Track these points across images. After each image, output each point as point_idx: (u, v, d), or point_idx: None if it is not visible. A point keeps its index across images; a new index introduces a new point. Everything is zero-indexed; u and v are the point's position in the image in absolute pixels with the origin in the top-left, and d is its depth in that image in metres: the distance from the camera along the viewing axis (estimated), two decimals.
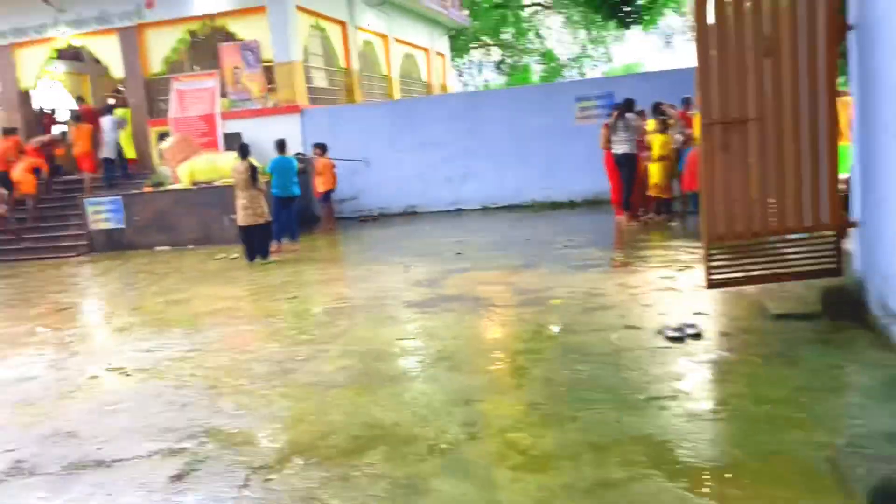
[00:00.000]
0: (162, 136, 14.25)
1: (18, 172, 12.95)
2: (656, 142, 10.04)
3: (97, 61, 15.82)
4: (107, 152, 13.74)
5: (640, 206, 10.44)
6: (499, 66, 35.34)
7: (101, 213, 12.62)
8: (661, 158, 10.00)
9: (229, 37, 14.04)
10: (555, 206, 12.62)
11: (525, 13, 34.06)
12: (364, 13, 16.94)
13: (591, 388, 4.07)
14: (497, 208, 13.16)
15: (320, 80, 15.13)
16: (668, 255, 7.65)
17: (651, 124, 10.36)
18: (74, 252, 12.61)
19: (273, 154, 10.56)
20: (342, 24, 15.99)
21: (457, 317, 5.95)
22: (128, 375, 5.20)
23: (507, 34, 34.17)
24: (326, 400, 4.29)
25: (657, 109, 10.41)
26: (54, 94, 18.29)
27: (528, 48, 35.30)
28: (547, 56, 35.14)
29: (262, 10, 13.63)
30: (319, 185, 12.33)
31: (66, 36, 14.60)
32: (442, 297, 6.68)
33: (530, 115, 12.96)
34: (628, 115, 10.01)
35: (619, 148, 10.00)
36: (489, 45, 34.71)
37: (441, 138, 13.35)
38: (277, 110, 13.87)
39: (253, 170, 9.30)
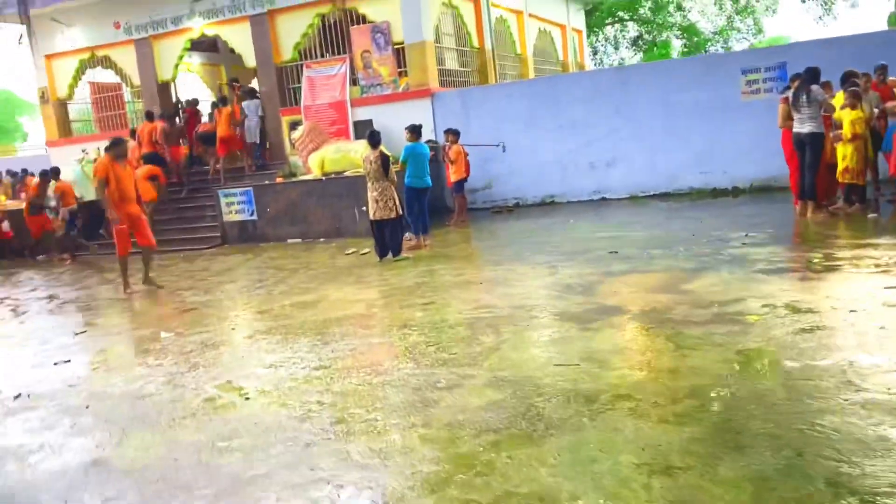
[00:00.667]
0: (293, 125, 13.95)
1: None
2: (847, 118, 8.44)
3: (231, 51, 15.82)
4: (251, 137, 13.72)
5: (827, 194, 8.88)
6: (636, 42, 33.28)
7: (234, 204, 12.43)
8: (854, 138, 8.40)
9: (360, 19, 13.48)
10: (716, 193, 11.17)
11: None
12: None
13: (843, 456, 2.93)
14: (647, 197, 11.86)
15: (451, 62, 14.30)
16: (880, 256, 6.21)
17: (839, 98, 8.76)
18: (208, 244, 12.51)
19: (403, 141, 9.84)
20: (475, 1, 15.07)
21: (626, 336, 4.90)
22: (247, 399, 4.54)
23: (644, 8, 32.08)
24: (478, 451, 3.39)
25: (848, 80, 8.76)
26: (192, 85, 18.59)
27: (668, 22, 32.97)
28: (689, 30, 32.69)
29: None
30: (452, 175, 11.52)
31: (199, 26, 14.58)
32: (602, 307, 5.64)
33: (686, 91, 11.53)
34: (813, 87, 8.45)
35: (803, 126, 8.47)
36: (625, 20, 32.73)
37: (583, 120, 12.17)
38: (407, 95, 13.18)
39: (384, 159, 8.57)
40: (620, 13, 31.97)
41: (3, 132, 38.12)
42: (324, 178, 11.94)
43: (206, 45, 17.57)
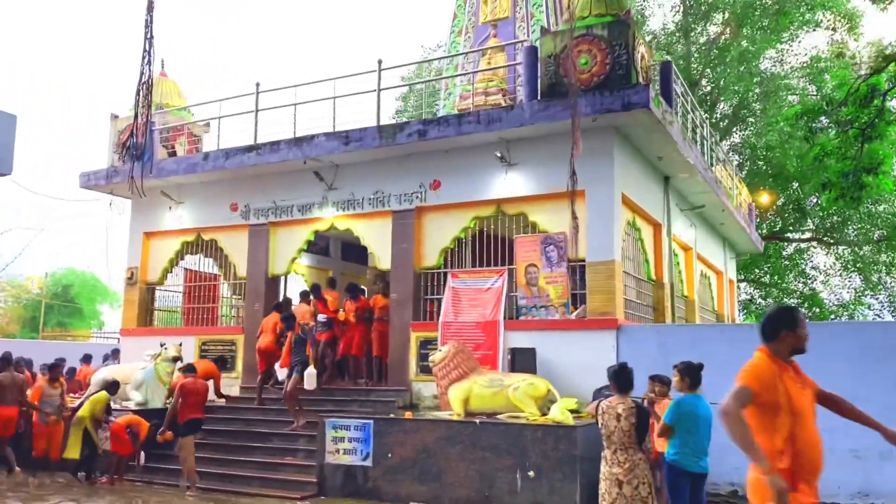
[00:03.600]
0: (424, 344, 11.02)
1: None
2: None
3: (351, 252, 13.55)
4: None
5: None
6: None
7: (344, 441, 9.12)
8: None
9: (527, 227, 10.98)
10: None
11: (787, 251, 29.62)
12: (677, 219, 13.47)
13: None
14: None
15: (630, 291, 11.42)
16: None
17: None
18: (299, 492, 9.06)
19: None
20: (657, 226, 12.55)
21: None
22: None
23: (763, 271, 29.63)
24: None
25: None
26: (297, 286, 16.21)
27: (789, 289, 30.20)
28: (813, 300, 29.71)
29: (578, 197, 10.51)
30: (659, 442, 8.05)
31: (331, 216, 12.37)
32: None
33: None
34: None
35: None
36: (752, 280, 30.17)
37: (840, 385, 8.74)
38: (584, 324, 10.19)
39: (642, 416, 5.30)
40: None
41: (81, 316, 36.89)
42: (477, 420, 8.63)
43: (319, 248, 15.46)
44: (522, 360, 9.85)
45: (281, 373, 11.27)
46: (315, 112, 12.39)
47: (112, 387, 10.68)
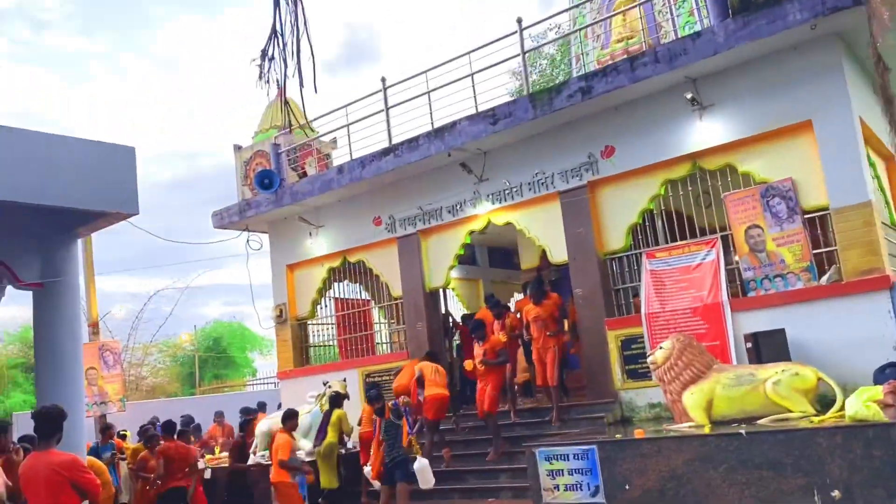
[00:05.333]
0: (627, 344, 9.09)
1: None
2: None
3: (499, 257, 11.85)
4: None
5: None
6: None
7: (563, 474, 7.31)
8: None
9: (737, 182, 8.84)
10: None
11: None
12: None
13: None
14: None
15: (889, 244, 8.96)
16: None
17: None
18: None
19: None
20: (889, 159, 10.02)
21: None
22: None
23: None
24: None
25: None
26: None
27: None
28: None
29: (802, 131, 8.29)
30: None
31: (486, 212, 10.71)
32: None
33: None
34: None
35: None
36: None
37: None
38: (842, 288, 7.91)
39: None
40: None
41: (234, 367, 37.36)
42: (742, 430, 6.57)
43: (464, 258, 13.88)
44: (769, 346, 7.69)
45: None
46: (452, 97, 10.74)
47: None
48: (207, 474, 10.00)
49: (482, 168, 10.61)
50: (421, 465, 8.15)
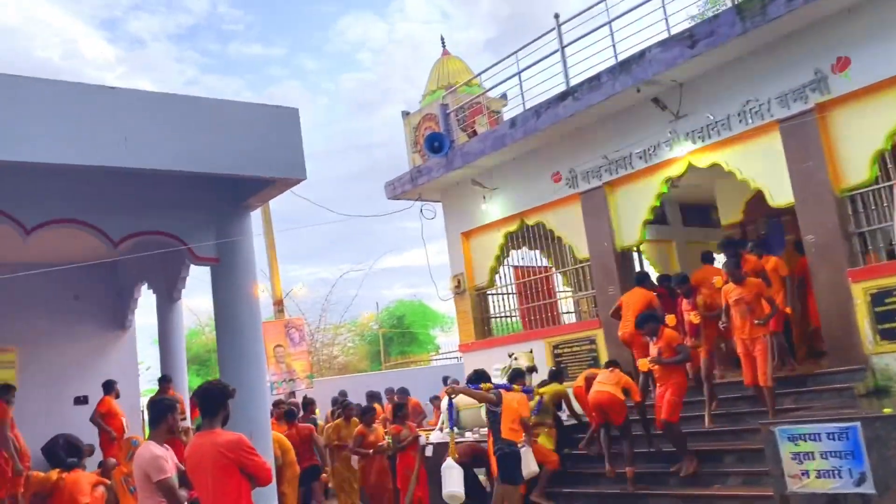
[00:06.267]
0: (879, 298, 7.35)
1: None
2: None
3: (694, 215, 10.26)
4: None
5: None
6: None
7: (813, 456, 5.88)
8: None
9: None
10: None
11: None
12: None
13: None
14: None
15: None
16: None
17: None
18: None
19: None
20: None
21: None
22: None
23: None
24: None
25: None
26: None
27: None
28: None
29: None
30: None
31: (686, 153, 9.25)
32: None
33: None
34: None
35: None
36: None
37: None
38: None
39: None
40: None
41: (418, 343, 37.93)
42: None
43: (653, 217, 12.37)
44: None
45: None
46: (638, 24, 9.36)
47: None
48: (429, 451, 9.14)
49: (678, 102, 9.15)
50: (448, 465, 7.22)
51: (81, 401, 11.05)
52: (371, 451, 8.83)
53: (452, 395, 7.37)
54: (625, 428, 7.91)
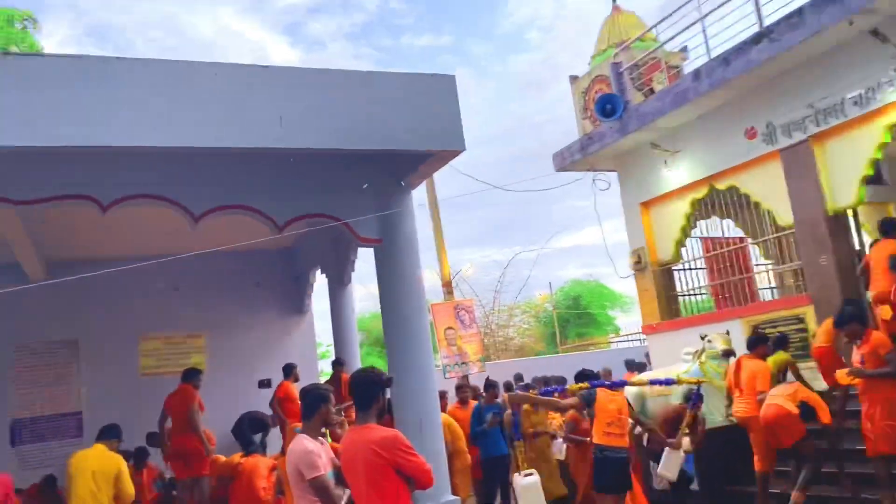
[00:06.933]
0: None
1: None
2: None
3: None
4: None
5: None
6: None
7: None
8: None
9: None
10: None
11: None
12: None
13: None
14: None
15: None
16: None
17: None
18: None
19: None
20: None
21: None
22: None
23: None
24: None
25: None
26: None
27: None
28: None
29: None
30: None
31: None
32: None
33: None
34: None
35: None
36: None
37: None
38: None
39: None
40: None
41: (596, 325, 36.71)
42: None
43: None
44: None
45: None
46: None
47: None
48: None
49: None
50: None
51: (265, 384, 11.38)
52: (588, 438, 7.82)
53: (513, 405, 7.04)
54: (801, 452, 6.63)
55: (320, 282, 12.06)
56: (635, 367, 13.08)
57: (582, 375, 7.06)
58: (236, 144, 6.05)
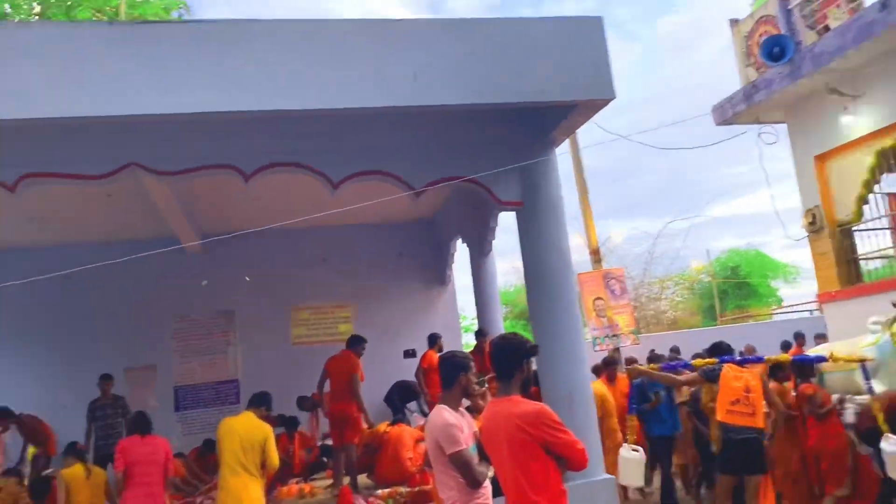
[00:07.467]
0: None
1: None
2: None
3: None
4: None
5: None
6: None
7: None
8: None
9: None
10: None
11: None
12: None
13: None
14: None
15: None
16: None
17: None
18: None
19: None
20: None
21: None
22: None
23: None
24: None
25: None
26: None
27: None
28: None
29: None
30: None
31: None
32: None
33: None
34: None
35: None
36: None
37: None
38: None
39: None
40: None
41: (757, 296, 34.32)
42: None
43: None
44: None
45: None
46: None
47: None
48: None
49: None
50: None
51: (410, 354, 11.33)
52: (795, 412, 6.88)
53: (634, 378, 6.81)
54: None
55: (462, 253, 11.82)
56: (803, 339, 11.92)
57: (716, 349, 6.64)
58: (370, 104, 5.81)
